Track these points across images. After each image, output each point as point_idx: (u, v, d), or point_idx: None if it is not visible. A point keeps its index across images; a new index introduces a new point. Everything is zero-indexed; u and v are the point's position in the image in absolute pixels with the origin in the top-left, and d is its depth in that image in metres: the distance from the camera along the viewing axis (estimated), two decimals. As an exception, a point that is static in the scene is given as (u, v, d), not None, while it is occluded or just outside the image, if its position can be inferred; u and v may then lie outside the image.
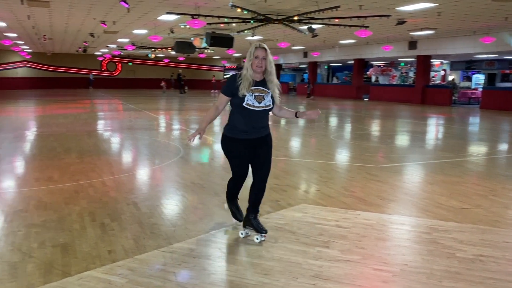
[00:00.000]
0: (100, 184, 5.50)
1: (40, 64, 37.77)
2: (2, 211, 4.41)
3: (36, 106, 19.29)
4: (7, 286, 2.86)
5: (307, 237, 3.79)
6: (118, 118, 14.55)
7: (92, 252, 3.40)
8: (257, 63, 3.47)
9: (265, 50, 3.49)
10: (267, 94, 3.54)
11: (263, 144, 3.67)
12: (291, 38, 22.11)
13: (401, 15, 14.43)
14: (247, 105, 3.48)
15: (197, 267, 3.19)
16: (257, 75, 3.54)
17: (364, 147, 9.06)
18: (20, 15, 15.71)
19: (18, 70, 37.06)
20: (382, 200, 5.01)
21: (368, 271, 3.17)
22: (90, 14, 15.34)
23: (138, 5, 13.11)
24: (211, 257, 3.38)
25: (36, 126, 11.91)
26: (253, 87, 3.49)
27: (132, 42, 25.70)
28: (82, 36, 22.71)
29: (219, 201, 4.85)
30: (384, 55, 25.54)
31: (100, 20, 16.54)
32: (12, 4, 13.38)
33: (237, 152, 3.61)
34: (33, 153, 7.63)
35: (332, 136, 10.65)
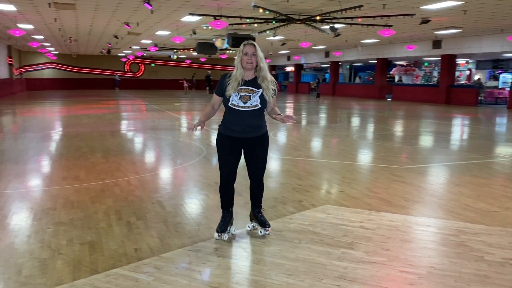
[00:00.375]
0: (125, 183, 5.58)
1: (65, 65, 38.62)
2: (32, 208, 4.53)
3: (61, 107, 19.72)
4: (38, 281, 2.94)
5: (331, 238, 3.77)
6: (141, 119, 14.76)
7: (118, 250, 3.46)
8: (246, 60, 3.43)
9: (254, 46, 3.45)
10: (254, 93, 3.48)
11: (258, 144, 3.63)
12: (312, 37, 22.01)
13: (426, 14, 14.20)
14: (232, 105, 3.48)
15: (221, 266, 3.21)
16: (247, 73, 3.51)
17: (387, 147, 8.95)
18: (47, 18, 16.10)
19: (44, 72, 37.97)
20: (407, 202, 4.94)
21: (394, 273, 3.13)
22: (115, 16, 15.60)
23: (161, 6, 13.27)
24: (235, 257, 3.40)
25: (62, 126, 12.18)
26: (240, 87, 3.47)
27: (155, 44, 26.02)
28: (106, 37, 23.12)
29: (242, 201, 4.86)
30: (408, 55, 25.15)
31: (124, 22, 16.80)
32: (40, 7, 13.72)
33: (226, 149, 3.60)
34: (60, 153, 7.80)
35: (354, 136, 10.55)
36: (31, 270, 3.10)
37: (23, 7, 13.68)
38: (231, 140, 3.57)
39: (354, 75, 42.13)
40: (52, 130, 11.35)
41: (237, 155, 3.64)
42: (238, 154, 3.64)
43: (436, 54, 24.02)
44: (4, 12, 14.47)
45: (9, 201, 4.86)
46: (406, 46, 22.92)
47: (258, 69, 3.50)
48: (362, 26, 15.64)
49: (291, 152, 8.13)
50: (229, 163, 3.63)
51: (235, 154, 3.62)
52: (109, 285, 2.90)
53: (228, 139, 3.58)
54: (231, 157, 3.61)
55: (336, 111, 19.02)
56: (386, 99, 28.32)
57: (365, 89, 31.36)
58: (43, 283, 2.92)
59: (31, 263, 3.21)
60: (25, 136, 9.93)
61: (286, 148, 8.66)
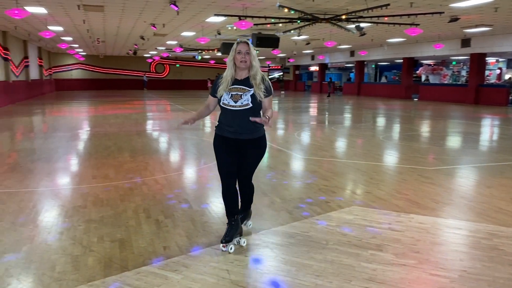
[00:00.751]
0: (153, 182, 5.66)
1: (92, 66, 39.46)
2: (63, 206, 4.64)
3: (89, 107, 20.15)
4: (71, 277, 3.01)
5: (359, 240, 3.73)
6: (166, 119, 14.94)
7: (148, 248, 3.51)
8: (240, 58, 3.35)
9: (247, 45, 3.38)
10: (246, 92, 3.38)
11: (252, 148, 3.49)
12: (337, 37, 21.83)
13: (455, 12, 13.89)
14: (223, 104, 3.42)
15: (249, 266, 3.22)
16: (241, 72, 3.43)
17: (415, 148, 8.79)
18: (76, 20, 16.47)
19: (72, 72, 38.89)
20: (437, 204, 4.84)
21: (424, 276, 3.08)
22: (141, 17, 15.84)
23: (187, 7, 13.40)
24: (262, 257, 3.40)
25: (91, 126, 12.44)
26: (231, 86, 3.41)
27: (180, 44, 26.30)
28: (132, 38, 23.50)
29: (268, 201, 4.87)
30: (435, 54, 24.66)
31: (150, 23, 17.04)
32: (69, 10, 14.05)
33: (221, 150, 3.49)
34: (89, 152, 7.97)
35: (381, 136, 10.41)
36: (64, 266, 3.18)
37: (54, 9, 14.04)
38: (225, 140, 3.47)
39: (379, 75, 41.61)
40: (81, 129, 11.61)
41: (233, 156, 3.47)
42: (234, 155, 3.48)
43: (465, 53, 23.49)
44: (36, 15, 14.88)
45: (41, 198, 5.00)
46: (434, 45, 22.49)
47: (250, 68, 3.42)
48: (388, 25, 15.43)
49: (316, 152, 8.08)
50: (226, 164, 3.48)
51: (230, 154, 3.47)
52: (139, 282, 2.94)
53: (223, 139, 3.48)
54: (227, 158, 3.47)
55: (361, 111, 18.81)
56: (412, 99, 27.84)
57: (391, 88, 30.92)
58: (75, 279, 2.99)
59: (64, 260, 3.29)
60: (55, 135, 10.19)
61: (311, 148, 8.62)
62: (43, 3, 12.85)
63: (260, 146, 3.53)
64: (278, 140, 9.80)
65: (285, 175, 6.30)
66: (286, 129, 12.41)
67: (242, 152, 3.49)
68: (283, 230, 3.96)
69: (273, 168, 6.71)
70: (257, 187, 5.47)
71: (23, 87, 23.56)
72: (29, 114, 15.84)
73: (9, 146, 8.82)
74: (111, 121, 13.40)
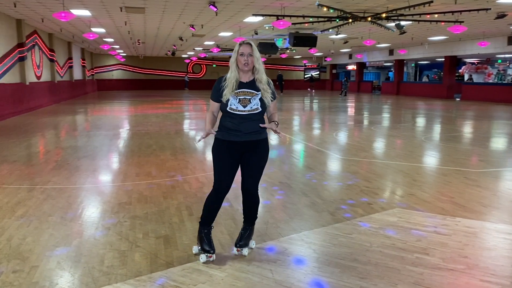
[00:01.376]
0: (194, 180, 5.75)
1: (133, 66, 40.47)
2: (109, 202, 4.79)
3: (130, 106, 20.68)
4: (119, 272, 3.10)
5: (404, 243, 3.65)
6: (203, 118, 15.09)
7: (191, 245, 3.57)
8: (243, 61, 3.16)
9: (250, 46, 3.19)
10: (254, 96, 3.20)
11: (255, 149, 3.28)
12: (376, 35, 21.44)
13: (502, 8, 13.34)
14: (230, 109, 3.18)
15: (292, 266, 3.22)
16: (244, 75, 3.24)
17: (459, 149, 8.51)
18: (118, 22, 16.95)
19: (113, 73, 40.03)
20: (484, 207, 4.67)
21: (474, 282, 2.97)
22: (181, 19, 16.11)
23: (225, 8, 13.52)
24: (305, 257, 3.38)
25: (132, 125, 12.76)
26: (238, 90, 3.19)
27: (217, 45, 26.57)
28: (171, 39, 23.94)
29: (308, 201, 4.85)
30: (479, 52, 23.76)
31: (189, 24, 17.31)
32: (112, 12, 14.47)
33: (223, 154, 3.27)
34: (131, 150, 8.18)
35: (422, 137, 10.14)
36: (112, 261, 3.28)
37: (97, 11, 14.50)
38: (229, 144, 3.24)
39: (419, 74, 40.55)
40: (123, 128, 11.94)
41: (234, 161, 3.27)
42: (235, 160, 3.28)
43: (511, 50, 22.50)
44: (80, 17, 15.41)
45: (88, 194, 5.18)
46: (478, 43, 21.67)
47: (254, 71, 3.24)
48: (430, 23, 14.99)
49: (357, 153, 7.97)
50: (225, 169, 3.26)
51: (232, 159, 3.26)
52: (184, 279, 3.00)
53: (226, 144, 3.24)
54: (228, 162, 3.26)
55: (400, 111, 18.39)
56: (454, 98, 26.96)
57: (431, 88, 30.06)
58: (123, 273, 3.08)
59: (111, 254, 3.40)
60: (99, 133, 10.52)
61: (351, 149, 8.50)
62: (87, 5, 13.30)
63: (263, 148, 3.32)
64: (316, 140, 9.72)
65: (325, 175, 6.25)
66: (323, 128, 12.31)
67: (246, 157, 3.28)
68: (325, 231, 3.93)
69: (312, 168, 6.67)
70: (296, 187, 5.49)
71: (67, 87, 24.47)
72: (73, 113, 16.43)
73: (56, 144, 9.18)
74: (152, 120, 13.71)
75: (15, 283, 2.93)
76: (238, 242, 3.41)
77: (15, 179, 5.84)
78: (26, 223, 4.10)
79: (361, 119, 15.23)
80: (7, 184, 5.55)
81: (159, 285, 2.92)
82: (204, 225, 3.38)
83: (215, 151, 3.32)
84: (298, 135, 10.58)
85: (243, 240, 3.42)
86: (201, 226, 3.39)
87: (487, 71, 32.39)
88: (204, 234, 3.35)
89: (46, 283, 2.94)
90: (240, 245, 3.39)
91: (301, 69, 44.66)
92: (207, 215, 3.38)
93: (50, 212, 4.42)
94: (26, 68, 16.22)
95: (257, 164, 3.32)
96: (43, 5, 13.13)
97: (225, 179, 3.28)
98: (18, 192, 5.19)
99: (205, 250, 3.30)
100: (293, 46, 19.16)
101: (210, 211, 3.39)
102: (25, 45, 16.27)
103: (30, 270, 3.12)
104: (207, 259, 3.28)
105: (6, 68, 14.54)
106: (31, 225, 4.05)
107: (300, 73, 44.74)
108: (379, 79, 44.22)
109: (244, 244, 3.40)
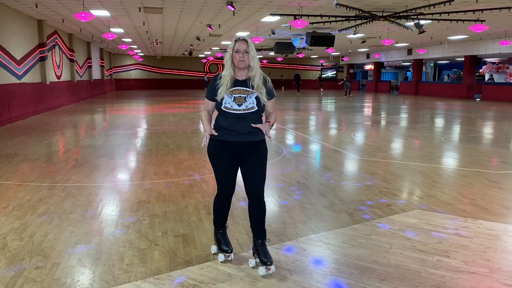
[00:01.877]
0: (211, 180, 5.77)
1: (150, 66, 40.85)
2: (128, 201, 4.84)
3: (148, 106, 20.87)
4: (138, 270, 3.13)
5: (424, 245, 3.60)
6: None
7: (210, 243, 3.58)
8: (238, 58, 3.04)
9: (246, 43, 3.07)
10: (250, 94, 3.08)
11: (254, 151, 3.14)
12: (395, 35, 21.21)
13: (525, 6, 13.04)
14: (225, 108, 3.07)
15: (310, 267, 3.20)
16: (241, 72, 3.11)
17: (480, 150, 8.36)
18: (136, 22, 17.12)
19: (131, 72, 40.47)
20: (507, 210, 4.57)
21: (497, 286, 2.92)
22: (198, 19, 16.19)
23: (243, 8, 13.53)
24: (324, 258, 3.36)
25: (150, 124, 12.88)
26: (232, 88, 3.08)
27: (234, 44, 26.60)
28: (189, 39, 24.08)
29: (327, 202, 4.82)
30: (501, 51, 23.28)
31: (206, 24, 17.38)
32: (131, 12, 14.63)
33: (220, 154, 3.14)
34: (149, 149, 8.25)
35: (442, 138, 9.99)
36: (131, 259, 3.31)
37: (116, 12, 14.67)
38: (224, 144, 3.11)
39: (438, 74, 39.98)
40: (141, 127, 12.06)
41: (233, 160, 3.15)
42: (234, 159, 3.15)
43: (534, 50, 22.02)
44: (100, 17, 15.62)
45: (107, 193, 5.24)
46: (499, 42, 21.25)
47: (249, 69, 3.11)
48: (450, 22, 14.75)
49: (375, 153, 7.89)
50: (226, 169, 3.15)
51: (231, 159, 3.14)
52: (203, 278, 3.01)
53: (222, 144, 3.11)
54: (227, 162, 3.14)
55: (419, 111, 18.14)
56: (474, 99, 26.50)
57: (451, 88, 29.60)
58: (143, 271, 3.10)
59: (131, 252, 3.43)
60: (117, 132, 10.64)
61: (369, 149, 8.42)
62: (107, 6, 13.46)
63: (261, 149, 3.18)
64: (333, 140, 9.66)
65: (343, 176, 6.20)
66: (340, 128, 12.23)
67: (245, 160, 3.15)
68: (344, 232, 3.90)
69: (330, 168, 6.63)
70: (314, 187, 5.46)
71: (86, 86, 24.82)
72: (92, 113, 16.66)
73: (75, 143, 9.32)
74: (169, 119, 13.81)
75: (38, 279, 2.98)
76: (266, 264, 3.07)
77: (36, 177, 5.95)
78: (48, 220, 4.17)
79: (378, 119, 15.09)
80: (28, 182, 5.65)
81: (178, 283, 2.94)
82: (218, 227, 3.36)
83: (212, 152, 3.17)
84: (315, 135, 10.53)
85: (267, 256, 3.10)
86: (215, 228, 3.37)
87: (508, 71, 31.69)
88: (220, 235, 3.34)
89: (67, 280, 2.98)
90: (265, 262, 3.08)
91: (318, 69, 44.45)
92: (218, 217, 3.34)
93: (71, 210, 4.49)
94: (46, 68, 16.51)
95: (257, 166, 3.16)
96: (63, 6, 13.34)
97: (227, 179, 3.19)
98: (39, 189, 5.29)
99: (223, 250, 3.28)
100: (310, 46, 19.06)
101: (220, 213, 3.33)
102: (46, 45, 16.55)
103: (52, 267, 3.17)
104: (226, 259, 3.27)
105: (28, 68, 14.82)
106: (53, 222, 4.12)
107: (317, 73, 44.53)
108: (397, 79, 43.74)
109: (270, 260, 3.09)
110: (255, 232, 3.19)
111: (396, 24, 14.51)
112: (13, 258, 3.32)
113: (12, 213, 4.38)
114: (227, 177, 3.18)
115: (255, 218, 3.19)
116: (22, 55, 14.24)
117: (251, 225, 3.21)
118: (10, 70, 13.15)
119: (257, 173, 3.16)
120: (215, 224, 3.37)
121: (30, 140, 9.21)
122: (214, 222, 3.37)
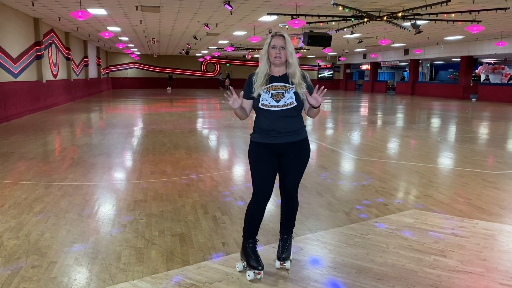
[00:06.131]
0: (208, 179, 5.77)
1: (147, 65, 40.76)
2: (125, 200, 4.83)
3: (144, 105, 20.82)
4: (135, 269, 3.12)
5: (421, 244, 3.61)
6: (217, 117, 15.16)
7: (207, 243, 3.58)
8: (275, 54, 2.89)
9: (283, 38, 2.90)
10: (288, 90, 2.93)
11: (296, 152, 3.01)
12: (392, 35, 21.26)
13: (521, 7, 13.10)
14: (262, 105, 2.92)
15: (308, 266, 3.20)
16: (277, 69, 2.96)
17: (476, 150, 8.40)
18: (133, 21, 17.07)
19: (128, 71, 40.37)
20: (503, 210, 4.59)
21: (494, 286, 2.93)
22: (195, 18, 16.16)
23: (240, 7, 13.52)
24: (321, 257, 3.37)
25: (147, 123, 12.85)
26: (269, 84, 2.94)
27: (231, 44, 26.61)
28: (186, 38, 24.04)
29: (324, 201, 4.83)
30: (497, 52, 23.39)
31: (203, 23, 17.36)
32: (128, 11, 14.59)
33: (260, 158, 2.99)
34: (146, 148, 8.24)
35: (438, 138, 10.02)
36: (128, 258, 3.30)
37: (113, 10, 14.63)
38: (265, 147, 2.96)
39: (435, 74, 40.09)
40: (137, 126, 12.03)
41: (272, 164, 3.01)
42: (273, 163, 3.01)
43: (530, 50, 22.12)
44: (97, 16, 15.57)
45: (104, 192, 5.23)
46: (495, 43, 21.36)
47: (287, 65, 2.97)
48: (447, 22, 14.81)
49: (371, 153, 7.91)
50: (264, 174, 2.99)
51: (270, 163, 2.99)
52: (200, 277, 3.01)
53: (262, 146, 2.97)
54: (266, 167, 2.99)
55: (415, 111, 18.20)
56: (470, 99, 26.60)
57: (447, 88, 29.71)
58: (140, 270, 3.10)
59: (128, 251, 3.42)
60: (113, 131, 10.62)
61: (366, 149, 8.44)
62: (104, 4, 13.42)
63: (304, 150, 3.06)
64: (330, 140, 9.68)
65: (340, 175, 6.22)
66: (336, 128, 12.25)
67: (285, 160, 3.02)
68: (341, 232, 3.91)
69: (326, 168, 6.64)
70: (311, 187, 5.46)
71: (83, 85, 24.74)
72: (89, 111, 16.62)
73: (72, 142, 9.29)
74: (166, 118, 13.79)
75: (34, 278, 2.97)
76: (281, 255, 3.13)
77: (32, 175, 5.93)
78: (44, 219, 4.16)
79: (375, 119, 15.12)
80: (25, 181, 5.63)
81: (176, 282, 2.93)
82: (247, 238, 3.08)
83: (252, 156, 3.03)
84: (311, 135, 10.54)
85: (285, 252, 3.14)
86: (244, 240, 3.09)
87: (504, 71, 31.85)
88: (249, 249, 3.05)
89: (64, 279, 2.97)
90: (283, 258, 3.13)
91: (315, 69, 44.47)
92: (249, 227, 3.09)
93: (68, 209, 4.48)
94: (43, 66, 16.45)
95: (297, 167, 3.05)
96: (60, 4, 13.29)
97: (264, 186, 2.99)
98: (36, 188, 5.27)
99: (252, 267, 2.98)
100: (308, 46, 19.07)
101: (252, 222, 3.08)
102: (42, 44, 16.49)
103: (49, 266, 3.16)
104: (255, 277, 2.97)
105: (24, 66, 14.76)
106: (49, 221, 4.11)
107: (314, 72, 44.54)
108: (393, 79, 43.83)
109: (287, 256, 3.14)
110: (283, 225, 3.23)
111: (393, 24, 14.55)
112: (9, 257, 3.31)
113: (8, 212, 4.37)
114: (264, 184, 3.00)
115: (284, 215, 3.21)
116: (18, 53, 14.18)
117: (281, 220, 3.23)
118: (6, 68, 13.10)
119: (295, 175, 3.08)
120: (245, 235, 3.10)
121: (26, 139, 9.17)
122: (244, 232, 3.11)
